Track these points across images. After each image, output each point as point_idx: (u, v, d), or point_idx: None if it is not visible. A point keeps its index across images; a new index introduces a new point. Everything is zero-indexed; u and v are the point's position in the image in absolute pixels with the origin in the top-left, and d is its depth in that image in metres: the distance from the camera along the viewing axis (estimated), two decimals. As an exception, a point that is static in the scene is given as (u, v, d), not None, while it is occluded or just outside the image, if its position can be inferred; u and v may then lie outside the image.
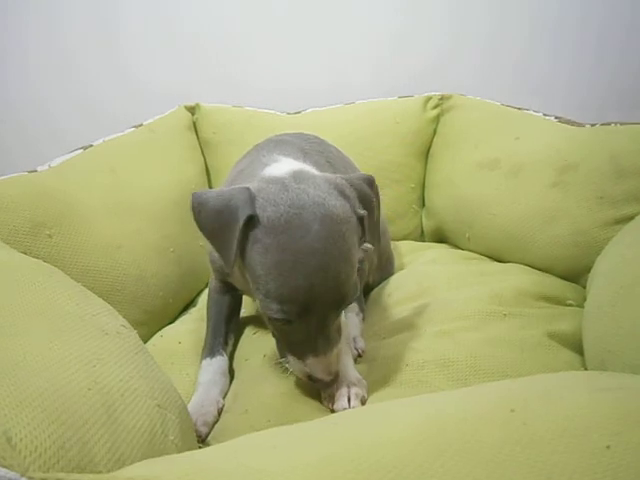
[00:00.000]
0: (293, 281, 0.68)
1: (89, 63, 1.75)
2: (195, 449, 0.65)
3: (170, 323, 1.08)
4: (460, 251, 1.28)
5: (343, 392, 0.76)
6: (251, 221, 0.70)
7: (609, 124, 1.12)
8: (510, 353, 0.80)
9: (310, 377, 0.74)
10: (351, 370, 0.80)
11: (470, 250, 1.26)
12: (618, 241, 0.91)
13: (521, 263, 1.14)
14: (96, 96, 1.76)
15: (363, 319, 1.00)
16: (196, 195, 0.73)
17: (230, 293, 0.97)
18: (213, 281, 0.99)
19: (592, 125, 1.16)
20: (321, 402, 0.78)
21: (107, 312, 0.74)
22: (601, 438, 0.40)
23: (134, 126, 1.26)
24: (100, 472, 0.44)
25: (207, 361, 0.88)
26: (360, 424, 0.46)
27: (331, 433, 0.45)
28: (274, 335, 0.79)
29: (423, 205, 1.46)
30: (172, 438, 0.59)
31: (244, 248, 0.71)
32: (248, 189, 0.72)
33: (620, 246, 0.89)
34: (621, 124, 1.10)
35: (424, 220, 1.45)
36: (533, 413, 0.44)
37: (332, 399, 0.76)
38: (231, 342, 0.95)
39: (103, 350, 0.62)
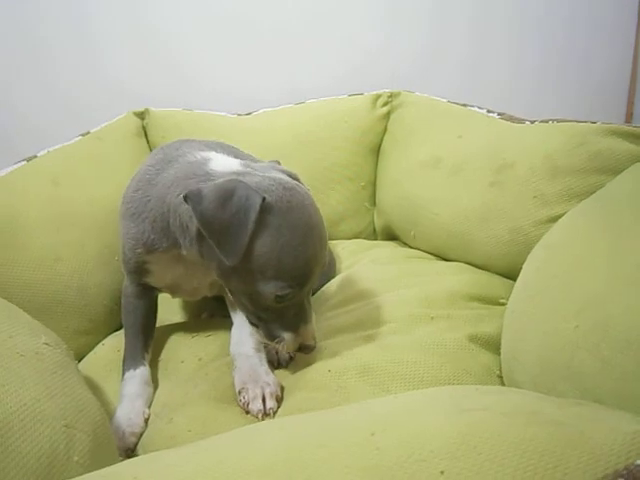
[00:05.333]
0: (304, 253, 0.76)
1: (60, 59, 1.74)
2: (112, 463, 0.68)
3: (116, 330, 1.10)
4: (405, 249, 1.30)
5: (257, 393, 0.79)
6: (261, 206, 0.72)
7: (547, 121, 1.13)
8: (430, 358, 0.82)
9: (300, 347, 0.82)
10: (263, 371, 0.83)
11: (416, 248, 1.28)
12: (542, 242, 0.93)
13: (462, 261, 1.16)
14: (69, 94, 1.76)
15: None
16: (191, 191, 0.73)
17: (147, 296, 0.98)
18: (129, 286, 0.98)
19: (532, 122, 1.16)
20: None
21: (28, 332, 0.76)
22: (439, 463, 0.42)
23: (81, 134, 1.26)
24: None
25: (130, 373, 0.89)
26: (223, 449, 0.49)
27: (194, 461, 0.47)
28: (260, 320, 0.82)
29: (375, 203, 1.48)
30: (77, 459, 0.61)
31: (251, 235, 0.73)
32: (239, 180, 0.74)
33: (541, 248, 0.90)
34: (558, 121, 1.11)
35: (375, 218, 1.46)
36: (389, 437, 0.46)
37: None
38: (150, 349, 0.96)
39: (12, 374, 0.64)
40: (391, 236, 1.41)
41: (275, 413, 0.79)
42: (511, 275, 1.09)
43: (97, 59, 1.71)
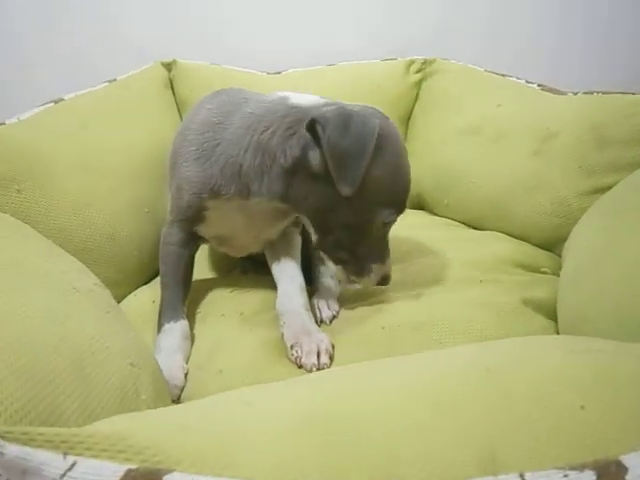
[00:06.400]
0: (408, 175, 0.80)
1: (70, 13, 1.66)
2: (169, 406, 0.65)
3: (145, 283, 1.06)
4: (435, 218, 1.28)
5: (312, 348, 0.76)
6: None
7: (591, 93, 1.11)
8: (486, 316, 0.80)
9: (384, 279, 0.83)
10: (315, 329, 0.81)
11: (448, 217, 1.26)
12: (594, 211, 0.92)
13: (499, 231, 1.14)
14: (76, 48, 1.68)
15: (340, 282, 0.99)
16: (318, 115, 0.71)
17: (192, 246, 0.94)
18: (175, 234, 0.92)
19: (574, 94, 1.15)
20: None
21: (78, 270, 0.73)
22: (575, 398, 0.40)
23: (107, 81, 1.21)
24: (69, 427, 0.44)
25: (170, 325, 0.84)
26: (335, 389, 0.46)
27: (306, 394, 0.45)
28: (352, 256, 0.81)
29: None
30: (144, 397, 0.58)
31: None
32: (350, 108, 0.73)
33: (596, 216, 0.89)
34: (603, 93, 1.09)
35: (404, 186, 1.44)
36: (508, 372, 0.44)
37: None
38: (187, 301, 0.91)
39: (73, 307, 0.60)
40: (419, 205, 1.38)
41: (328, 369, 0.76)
42: (547, 246, 1.08)
43: (115, 11, 1.64)
